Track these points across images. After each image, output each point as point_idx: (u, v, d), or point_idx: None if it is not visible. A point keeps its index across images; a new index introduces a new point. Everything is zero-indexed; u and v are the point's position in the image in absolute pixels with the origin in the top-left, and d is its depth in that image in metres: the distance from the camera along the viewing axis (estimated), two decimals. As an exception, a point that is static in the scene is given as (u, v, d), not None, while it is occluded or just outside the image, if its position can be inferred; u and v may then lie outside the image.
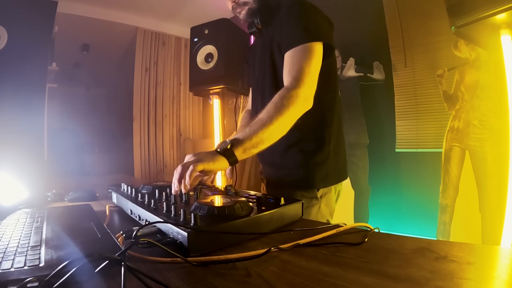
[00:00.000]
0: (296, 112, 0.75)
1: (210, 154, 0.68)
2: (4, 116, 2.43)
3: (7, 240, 0.49)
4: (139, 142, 3.63)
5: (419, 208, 2.07)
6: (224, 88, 2.01)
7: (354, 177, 2.14)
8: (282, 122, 0.73)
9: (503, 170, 1.32)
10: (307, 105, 0.77)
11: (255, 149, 0.71)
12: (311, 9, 0.85)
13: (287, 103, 0.73)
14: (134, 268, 0.34)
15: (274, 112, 0.72)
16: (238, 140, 0.70)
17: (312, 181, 0.87)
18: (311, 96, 0.78)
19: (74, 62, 4.46)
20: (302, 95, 0.75)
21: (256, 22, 0.93)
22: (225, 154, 0.68)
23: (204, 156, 0.67)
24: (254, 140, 0.71)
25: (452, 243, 0.50)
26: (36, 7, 2.67)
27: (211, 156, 0.68)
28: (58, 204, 0.91)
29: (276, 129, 0.73)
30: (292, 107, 0.73)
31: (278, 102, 0.74)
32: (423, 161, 2.12)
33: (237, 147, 0.69)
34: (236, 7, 0.92)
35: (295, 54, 0.79)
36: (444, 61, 1.99)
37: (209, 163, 0.66)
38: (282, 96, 0.74)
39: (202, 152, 0.70)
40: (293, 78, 0.76)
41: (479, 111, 1.82)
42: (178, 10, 3.46)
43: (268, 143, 0.73)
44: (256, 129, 0.71)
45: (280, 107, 0.73)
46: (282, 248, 0.48)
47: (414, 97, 2.16)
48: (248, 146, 0.70)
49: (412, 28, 2.14)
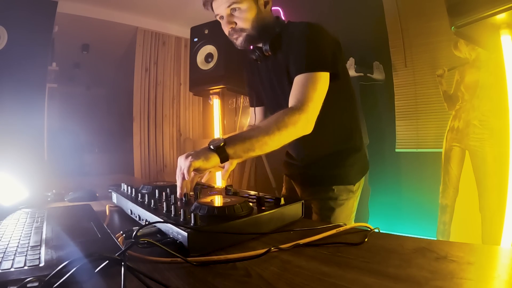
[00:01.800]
0: (294, 132, 0.78)
1: (202, 151, 0.70)
2: (4, 116, 2.43)
3: (7, 240, 0.49)
4: (139, 142, 3.63)
5: (419, 208, 2.06)
6: (224, 88, 2.01)
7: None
8: (278, 138, 0.75)
9: (503, 170, 1.32)
10: (307, 129, 0.80)
11: (245, 154, 0.74)
12: (319, 37, 0.87)
13: (288, 122, 0.76)
14: (134, 268, 0.34)
15: (273, 126, 0.75)
16: (232, 140, 0.73)
17: (349, 177, 0.99)
18: (313, 119, 0.81)
19: (74, 62, 4.45)
20: (305, 118, 0.78)
21: (265, 49, 0.94)
22: (217, 150, 0.71)
23: (197, 154, 0.69)
24: (246, 146, 0.73)
25: (452, 243, 0.50)
26: (36, 7, 2.67)
27: (203, 153, 0.70)
28: (58, 204, 0.91)
29: (270, 142, 0.75)
30: (292, 127, 0.76)
31: (280, 118, 0.77)
32: (423, 161, 2.12)
33: (229, 147, 0.72)
34: (233, 33, 0.92)
35: (302, 80, 0.82)
36: (444, 61, 1.99)
37: (204, 161, 0.68)
38: (286, 114, 0.77)
39: (194, 151, 0.71)
40: (298, 101, 0.80)
41: (479, 111, 1.82)
42: (178, 10, 3.46)
43: (258, 152, 0.75)
44: (252, 135, 0.74)
45: (281, 124, 0.76)
46: (282, 248, 0.48)
47: (414, 97, 2.15)
48: (239, 149, 0.72)
49: (412, 28, 2.14)
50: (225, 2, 0.88)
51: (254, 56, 0.99)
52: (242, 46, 0.94)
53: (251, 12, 0.89)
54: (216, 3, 0.89)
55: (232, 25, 0.90)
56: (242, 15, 0.89)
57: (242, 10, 0.89)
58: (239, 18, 0.89)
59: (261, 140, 0.74)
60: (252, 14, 0.89)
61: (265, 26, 0.93)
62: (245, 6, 0.88)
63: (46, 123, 2.87)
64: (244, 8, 0.88)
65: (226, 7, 0.88)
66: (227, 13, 0.90)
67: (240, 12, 0.89)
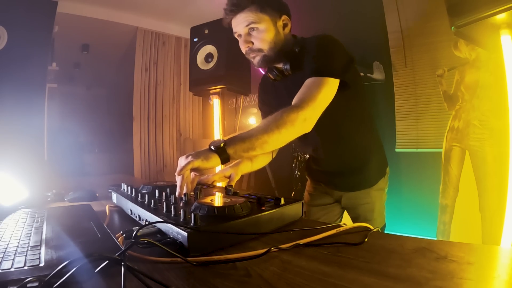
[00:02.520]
0: (293, 130, 0.78)
1: (202, 151, 0.71)
2: (4, 116, 2.43)
3: (7, 240, 0.49)
4: (139, 142, 3.63)
5: (419, 208, 2.06)
6: (224, 88, 2.01)
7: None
8: (277, 136, 0.75)
9: (503, 170, 1.32)
10: (306, 126, 0.80)
11: (246, 153, 0.74)
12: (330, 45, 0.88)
13: (287, 119, 0.76)
14: (134, 268, 0.34)
15: (272, 125, 0.76)
16: (232, 141, 0.73)
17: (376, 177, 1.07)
18: (311, 118, 0.80)
19: (74, 62, 4.45)
20: (302, 116, 0.78)
21: (286, 69, 0.94)
22: (217, 151, 0.71)
23: (197, 154, 0.70)
24: (246, 145, 0.73)
25: (452, 243, 0.50)
26: (36, 7, 2.67)
27: (203, 153, 0.71)
28: (58, 204, 0.91)
29: (269, 141, 0.75)
30: (290, 124, 0.76)
31: (279, 116, 0.77)
32: (423, 161, 2.12)
33: (230, 147, 0.72)
34: (250, 52, 0.92)
35: (309, 83, 0.83)
36: (444, 61, 1.99)
37: (204, 161, 0.69)
38: (284, 112, 0.77)
39: (195, 151, 0.72)
40: (299, 99, 0.80)
41: (479, 111, 1.82)
42: (178, 10, 3.46)
43: (259, 151, 0.75)
44: (251, 135, 0.74)
45: (280, 122, 0.76)
46: (282, 248, 0.48)
47: (414, 97, 2.15)
48: (239, 148, 0.73)
49: (412, 28, 2.14)
50: (244, 21, 0.88)
51: (272, 75, 0.99)
52: (259, 66, 0.94)
53: (269, 33, 0.89)
54: (235, 21, 0.90)
55: (249, 45, 0.91)
56: (260, 35, 0.89)
57: (260, 31, 0.89)
58: (257, 38, 0.90)
59: (261, 139, 0.74)
60: (270, 36, 0.90)
61: (282, 48, 0.93)
62: (263, 27, 0.88)
63: (46, 123, 2.87)
64: (262, 28, 0.88)
65: (245, 26, 0.89)
66: (245, 32, 0.90)
67: (258, 32, 0.89)
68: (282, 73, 0.97)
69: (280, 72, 0.97)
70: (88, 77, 5.01)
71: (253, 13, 0.87)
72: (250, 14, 0.87)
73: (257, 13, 0.87)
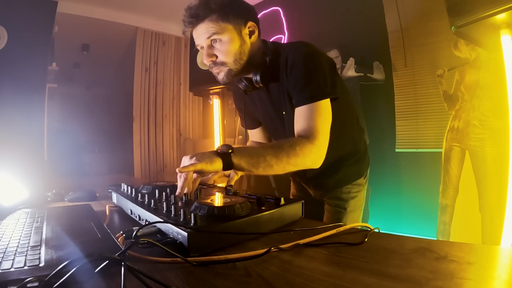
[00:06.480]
0: (303, 163, 0.77)
1: (208, 154, 0.70)
2: (4, 116, 2.43)
3: (7, 240, 0.49)
4: (139, 142, 3.63)
5: (419, 208, 2.06)
6: (224, 88, 2.01)
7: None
8: (284, 164, 0.74)
9: (503, 170, 1.32)
10: (317, 162, 0.79)
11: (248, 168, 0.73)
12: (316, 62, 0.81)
13: (300, 153, 0.74)
14: (134, 268, 0.34)
15: (283, 152, 0.73)
16: (240, 151, 0.72)
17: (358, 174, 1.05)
18: (323, 155, 0.79)
19: (74, 62, 4.45)
20: (316, 152, 0.77)
21: (256, 81, 0.87)
22: (223, 156, 0.70)
23: (202, 156, 0.69)
24: (253, 161, 0.72)
25: (452, 243, 0.50)
26: (36, 7, 2.67)
27: (208, 156, 0.70)
28: (58, 204, 0.91)
29: (275, 166, 0.74)
30: (301, 158, 0.75)
31: (293, 146, 0.74)
32: (423, 161, 2.12)
33: (236, 156, 0.71)
34: (213, 67, 0.85)
35: (307, 111, 0.79)
36: (444, 61, 1.99)
37: (208, 164, 0.68)
38: (298, 144, 0.75)
39: (200, 152, 0.71)
40: (308, 132, 0.77)
41: (479, 111, 1.82)
42: (178, 10, 3.43)
43: (260, 172, 0.74)
44: (260, 154, 0.73)
45: (292, 153, 0.74)
46: (282, 248, 0.48)
47: (414, 97, 2.15)
48: (244, 161, 0.72)
49: (412, 28, 2.14)
50: (205, 33, 0.80)
51: (242, 87, 0.93)
52: (224, 82, 0.87)
53: (233, 44, 0.81)
54: (196, 33, 0.82)
55: (212, 58, 0.83)
56: (223, 47, 0.81)
57: (223, 42, 0.81)
58: (220, 51, 0.82)
59: (268, 162, 0.72)
60: (235, 47, 0.82)
61: (250, 59, 0.85)
62: (226, 38, 0.80)
63: (46, 123, 2.87)
64: (225, 39, 0.80)
65: (206, 38, 0.81)
66: (207, 45, 0.82)
67: (221, 44, 0.81)
68: (252, 85, 0.90)
69: (250, 83, 0.91)
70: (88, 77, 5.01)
71: (214, 23, 0.79)
72: (211, 24, 0.79)
73: (218, 23, 0.79)
